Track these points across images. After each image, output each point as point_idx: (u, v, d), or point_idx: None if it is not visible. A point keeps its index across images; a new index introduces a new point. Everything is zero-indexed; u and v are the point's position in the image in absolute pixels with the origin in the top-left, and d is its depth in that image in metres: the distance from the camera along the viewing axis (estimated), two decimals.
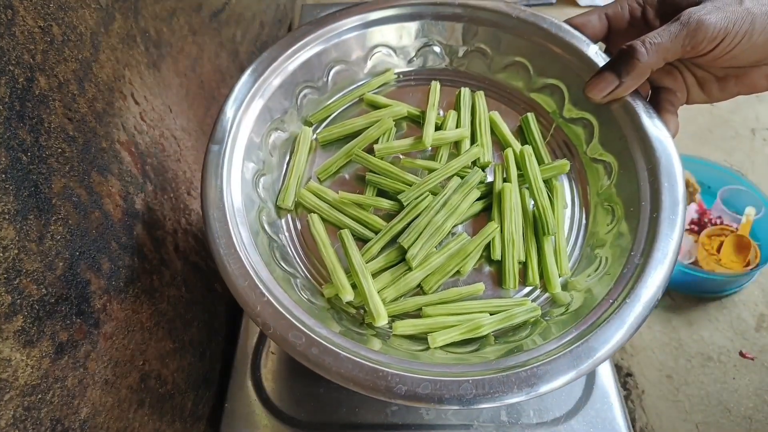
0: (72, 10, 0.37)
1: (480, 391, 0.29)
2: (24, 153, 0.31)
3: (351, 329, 0.35)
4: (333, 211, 0.40)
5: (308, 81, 0.46)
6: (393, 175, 0.41)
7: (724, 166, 1.11)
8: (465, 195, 0.40)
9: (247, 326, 0.60)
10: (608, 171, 0.41)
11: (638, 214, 0.36)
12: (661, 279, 0.33)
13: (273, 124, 0.43)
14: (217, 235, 0.34)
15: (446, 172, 0.41)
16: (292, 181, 0.42)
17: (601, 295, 0.34)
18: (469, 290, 0.37)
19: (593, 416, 0.52)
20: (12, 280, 0.29)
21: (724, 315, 0.95)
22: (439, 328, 0.35)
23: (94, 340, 0.36)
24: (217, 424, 0.53)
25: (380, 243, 0.38)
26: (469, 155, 0.42)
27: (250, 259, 0.34)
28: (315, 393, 0.54)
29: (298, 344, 0.31)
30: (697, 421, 0.82)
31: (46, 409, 0.31)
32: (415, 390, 0.29)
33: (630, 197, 0.38)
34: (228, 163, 0.38)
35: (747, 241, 0.98)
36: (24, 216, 0.30)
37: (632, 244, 0.35)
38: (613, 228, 0.38)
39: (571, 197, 0.43)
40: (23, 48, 0.31)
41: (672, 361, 0.89)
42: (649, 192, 0.37)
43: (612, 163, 0.41)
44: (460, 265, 0.38)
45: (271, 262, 0.36)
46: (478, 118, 0.45)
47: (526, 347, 0.32)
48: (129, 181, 0.43)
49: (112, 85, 0.42)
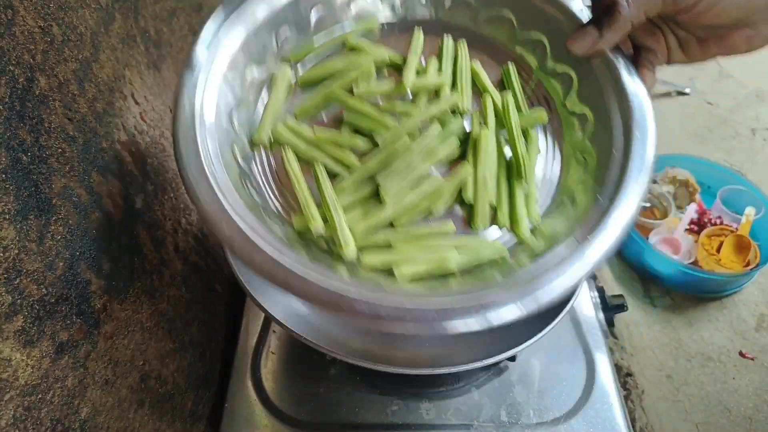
0: (72, 10, 0.37)
1: (439, 316, 0.30)
2: (24, 153, 0.31)
3: (319, 258, 0.35)
4: (308, 148, 0.40)
5: (289, 21, 0.44)
6: (371, 117, 0.41)
7: (724, 166, 1.11)
8: (443, 140, 0.40)
9: (247, 326, 0.60)
10: (584, 124, 0.42)
11: (608, 163, 0.37)
12: (625, 221, 0.34)
13: (251, 59, 0.42)
14: (188, 160, 0.33)
15: (424, 117, 0.41)
16: (268, 118, 0.41)
17: (565, 238, 0.35)
18: (439, 228, 0.38)
19: (593, 416, 0.52)
20: (12, 280, 0.29)
21: (724, 315, 0.95)
22: (407, 262, 0.35)
23: (94, 340, 0.36)
24: (217, 424, 0.53)
25: (354, 179, 0.38)
26: (448, 101, 0.42)
27: (221, 186, 0.33)
28: (315, 393, 0.54)
29: (265, 265, 0.31)
30: (697, 421, 0.82)
31: (47, 409, 0.31)
32: (378, 311, 0.29)
33: (603, 149, 0.39)
34: (202, 92, 0.36)
35: (747, 241, 0.98)
36: (24, 216, 0.30)
37: (600, 190, 0.36)
38: (583, 177, 0.39)
39: (546, 148, 0.43)
40: (23, 48, 0.31)
41: (672, 361, 0.89)
42: (622, 142, 0.38)
43: (588, 116, 0.42)
44: (432, 204, 0.38)
45: (243, 191, 0.35)
46: (460, 67, 0.45)
47: (489, 283, 0.33)
48: (129, 181, 0.43)
49: (112, 85, 0.42)
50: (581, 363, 0.56)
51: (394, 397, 0.54)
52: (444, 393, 0.54)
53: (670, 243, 1.01)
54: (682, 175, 1.08)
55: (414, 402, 0.53)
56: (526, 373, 0.55)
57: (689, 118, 1.32)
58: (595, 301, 0.62)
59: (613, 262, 1.04)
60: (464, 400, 0.54)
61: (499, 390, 0.54)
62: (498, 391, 0.54)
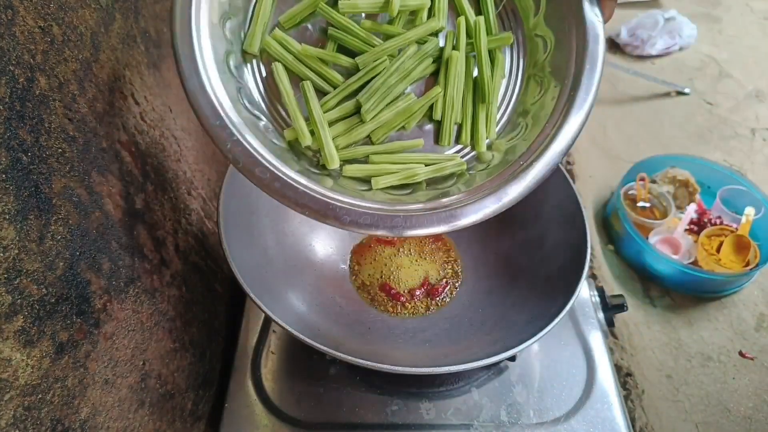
0: (72, 10, 0.37)
1: (408, 223, 0.36)
2: (24, 153, 0.31)
3: (308, 169, 0.40)
4: (296, 63, 0.43)
5: None
6: (354, 33, 0.44)
7: (724, 166, 1.11)
8: (419, 61, 0.44)
9: (248, 326, 0.60)
10: (545, 46, 0.45)
11: (559, 90, 0.42)
12: (564, 146, 0.39)
13: None
14: (189, 74, 0.36)
15: (404, 42, 0.44)
16: (258, 27, 0.43)
17: (516, 156, 0.40)
18: (410, 144, 0.43)
19: (593, 416, 0.52)
20: (12, 280, 0.29)
21: (723, 315, 0.95)
22: (382, 173, 0.41)
23: (95, 340, 0.36)
24: (217, 423, 0.53)
25: (337, 97, 0.43)
26: (427, 28, 0.45)
27: (220, 101, 0.37)
28: (315, 393, 0.54)
29: (264, 178, 0.35)
30: (697, 420, 0.82)
31: (47, 408, 0.31)
32: (357, 219, 0.35)
33: (558, 74, 0.43)
34: (196, 3, 0.39)
35: (746, 241, 0.98)
36: (24, 216, 0.30)
37: (549, 115, 0.41)
38: (539, 99, 0.44)
39: (510, 68, 0.47)
40: (23, 48, 0.31)
41: (672, 360, 0.89)
42: (573, 72, 0.41)
43: (549, 40, 0.45)
44: (405, 122, 0.43)
45: (238, 104, 0.39)
46: None
47: (451, 193, 0.40)
48: (129, 181, 0.43)
49: (112, 85, 0.42)
50: (581, 363, 0.56)
51: (394, 397, 0.54)
52: (444, 393, 0.54)
53: (670, 243, 1.01)
54: (682, 175, 1.08)
55: (414, 402, 0.54)
56: (526, 373, 0.55)
57: (689, 118, 1.32)
58: (595, 301, 0.62)
59: (613, 261, 1.04)
60: (464, 400, 0.54)
61: (499, 390, 0.54)
62: (498, 391, 0.54)
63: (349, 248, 0.64)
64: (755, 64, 1.45)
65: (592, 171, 1.21)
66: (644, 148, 1.25)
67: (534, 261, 0.56)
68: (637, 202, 1.08)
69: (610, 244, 1.07)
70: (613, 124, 1.32)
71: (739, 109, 1.33)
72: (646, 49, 1.45)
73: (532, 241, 0.58)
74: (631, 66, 1.46)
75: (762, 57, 1.47)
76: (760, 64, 1.44)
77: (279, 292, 0.52)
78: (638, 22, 1.50)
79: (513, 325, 0.51)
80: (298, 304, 0.53)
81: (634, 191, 1.09)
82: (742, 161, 1.20)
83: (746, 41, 1.52)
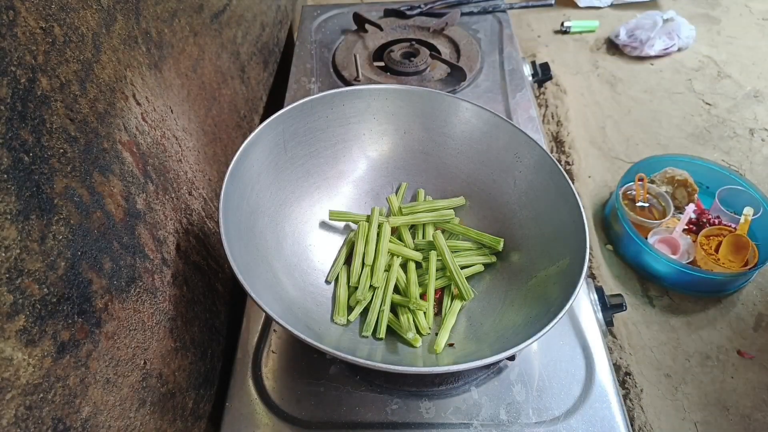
0: (73, 11, 0.37)
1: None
2: (26, 153, 0.31)
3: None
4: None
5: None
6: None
7: (722, 166, 1.11)
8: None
9: (248, 326, 0.60)
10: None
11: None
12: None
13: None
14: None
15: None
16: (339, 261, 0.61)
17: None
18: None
19: (592, 415, 0.52)
20: (14, 279, 0.29)
21: (722, 314, 0.96)
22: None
23: (96, 339, 0.36)
24: (218, 422, 0.53)
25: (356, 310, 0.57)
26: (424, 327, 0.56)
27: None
28: (315, 392, 0.54)
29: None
30: (696, 420, 0.82)
31: (48, 408, 0.31)
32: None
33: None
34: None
35: (745, 240, 0.98)
36: (26, 216, 0.30)
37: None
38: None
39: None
40: (25, 49, 0.31)
41: (670, 360, 0.90)
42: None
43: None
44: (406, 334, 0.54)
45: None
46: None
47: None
48: (131, 182, 0.43)
49: (113, 85, 0.42)
50: (580, 362, 0.56)
51: (393, 396, 0.54)
52: (443, 392, 0.54)
53: (668, 243, 1.01)
54: (681, 175, 1.08)
55: (414, 401, 0.54)
56: (525, 373, 0.55)
57: (688, 118, 1.32)
58: (594, 301, 0.62)
59: (612, 261, 1.05)
60: (464, 399, 0.54)
61: (498, 389, 0.54)
62: (497, 390, 0.54)
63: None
64: (753, 64, 1.45)
65: (590, 171, 1.21)
66: (643, 149, 1.25)
67: (533, 261, 0.57)
68: (635, 202, 1.09)
69: (609, 244, 1.08)
70: (611, 124, 1.32)
71: (738, 109, 1.33)
72: (644, 50, 1.46)
73: (532, 240, 0.58)
74: (631, 67, 1.47)
75: (760, 58, 1.47)
76: (758, 65, 1.45)
77: (280, 291, 0.52)
78: (637, 23, 1.50)
79: (512, 324, 0.51)
80: (298, 303, 0.53)
81: (632, 191, 1.10)
82: (741, 161, 1.21)
83: (745, 42, 1.53)
